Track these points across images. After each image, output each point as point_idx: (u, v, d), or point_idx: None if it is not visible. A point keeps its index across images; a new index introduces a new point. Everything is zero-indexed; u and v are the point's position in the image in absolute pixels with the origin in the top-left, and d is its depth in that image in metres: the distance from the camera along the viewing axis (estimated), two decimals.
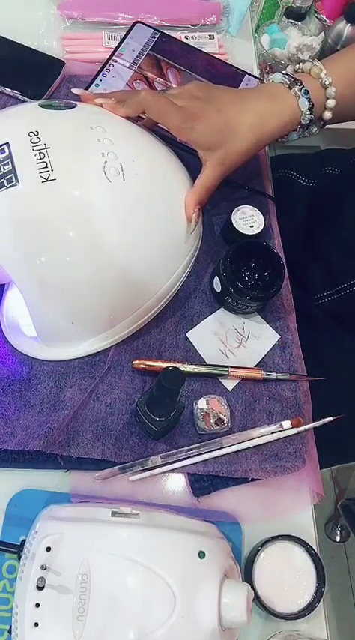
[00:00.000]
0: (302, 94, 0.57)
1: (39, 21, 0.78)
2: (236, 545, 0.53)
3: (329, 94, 0.58)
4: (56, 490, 0.53)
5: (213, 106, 0.55)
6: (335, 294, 0.72)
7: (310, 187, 0.83)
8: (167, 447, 0.55)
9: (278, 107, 0.57)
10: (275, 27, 0.91)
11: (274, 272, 0.59)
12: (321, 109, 0.59)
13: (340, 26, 0.92)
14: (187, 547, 0.44)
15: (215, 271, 0.61)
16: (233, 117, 0.56)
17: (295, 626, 0.51)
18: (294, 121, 0.58)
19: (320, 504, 0.56)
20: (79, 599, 0.42)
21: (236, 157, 0.57)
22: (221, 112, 0.55)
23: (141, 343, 0.59)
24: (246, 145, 0.56)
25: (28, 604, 0.42)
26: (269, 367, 0.60)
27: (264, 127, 0.57)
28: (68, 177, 0.47)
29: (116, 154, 0.50)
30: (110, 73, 0.70)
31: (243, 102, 0.57)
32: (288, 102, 0.57)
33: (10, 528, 0.51)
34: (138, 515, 0.46)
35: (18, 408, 0.54)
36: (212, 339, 0.61)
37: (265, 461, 0.55)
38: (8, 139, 0.47)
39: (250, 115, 0.56)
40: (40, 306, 0.51)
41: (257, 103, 0.57)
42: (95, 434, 0.54)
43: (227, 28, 0.83)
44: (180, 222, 0.55)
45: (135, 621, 0.41)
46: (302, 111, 0.58)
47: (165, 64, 0.72)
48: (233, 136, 0.55)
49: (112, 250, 0.49)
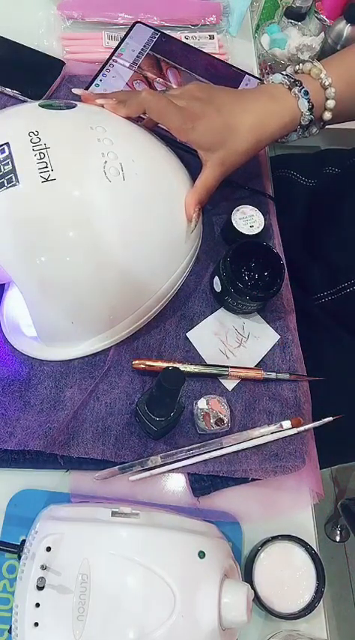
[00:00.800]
0: (302, 95, 0.57)
1: (39, 21, 0.77)
2: (236, 545, 0.53)
3: (329, 94, 0.58)
4: (56, 490, 0.53)
5: (213, 107, 0.55)
6: (335, 294, 0.72)
7: (310, 187, 0.83)
8: (167, 447, 0.55)
9: (278, 108, 0.57)
10: (275, 27, 0.91)
11: (274, 272, 0.59)
12: (321, 109, 0.59)
13: (340, 26, 0.92)
14: (187, 547, 0.44)
15: (215, 271, 0.61)
16: (233, 117, 0.56)
17: (295, 626, 0.51)
18: (294, 122, 0.58)
19: (320, 504, 0.56)
20: (79, 599, 0.42)
21: (236, 158, 0.57)
22: (221, 112, 0.55)
23: (141, 343, 0.59)
24: (246, 145, 0.56)
25: (28, 604, 0.42)
26: (269, 367, 0.60)
27: (264, 127, 0.57)
28: (68, 177, 0.47)
29: (116, 153, 0.50)
30: (110, 73, 0.70)
31: (243, 102, 0.57)
32: (288, 103, 0.57)
33: (10, 528, 0.51)
34: (138, 515, 0.46)
35: (18, 408, 0.54)
36: (212, 339, 0.61)
37: (265, 461, 0.55)
38: (8, 138, 0.47)
39: (250, 115, 0.56)
40: (40, 306, 0.51)
41: (257, 103, 0.57)
42: (95, 434, 0.54)
43: (227, 28, 0.83)
44: (180, 222, 0.55)
45: (135, 621, 0.41)
46: (302, 112, 0.58)
47: (165, 64, 0.72)
48: (233, 136, 0.55)
49: (112, 250, 0.49)
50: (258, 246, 0.60)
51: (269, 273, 0.60)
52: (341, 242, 0.72)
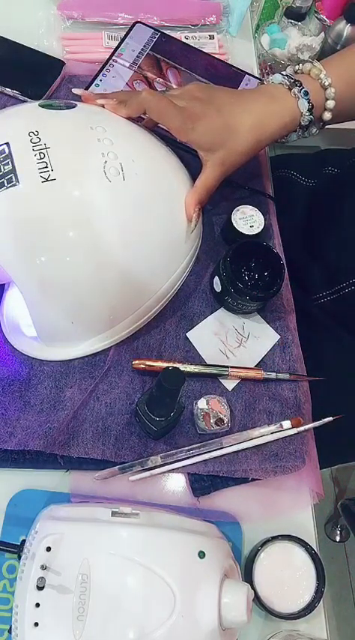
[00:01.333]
0: (301, 95, 0.57)
1: (39, 21, 0.77)
2: (236, 545, 0.53)
3: (329, 94, 0.58)
4: (56, 490, 0.53)
5: (213, 107, 0.55)
6: (335, 294, 0.72)
7: (310, 187, 0.83)
8: (167, 447, 0.55)
9: (278, 108, 0.58)
10: (275, 27, 0.91)
11: (274, 272, 0.59)
12: (321, 109, 0.59)
13: (340, 26, 0.92)
14: (187, 547, 0.44)
15: (215, 271, 0.61)
16: (233, 118, 0.56)
17: (295, 626, 0.51)
18: (294, 122, 0.59)
19: (320, 504, 0.56)
20: (79, 599, 0.42)
21: (236, 158, 0.57)
22: (221, 112, 0.55)
23: (141, 343, 0.59)
24: (246, 145, 0.56)
25: (28, 604, 0.42)
26: (269, 367, 0.60)
27: (264, 127, 0.57)
28: (68, 177, 0.47)
29: (116, 153, 0.50)
30: (110, 73, 0.70)
31: (243, 103, 0.57)
32: (288, 103, 0.58)
33: (10, 528, 0.51)
34: (138, 515, 0.46)
35: (18, 408, 0.54)
36: (212, 339, 0.61)
37: (265, 461, 0.55)
38: (8, 138, 0.47)
39: (250, 115, 0.56)
40: (40, 306, 0.51)
41: (257, 104, 0.57)
42: (95, 434, 0.54)
43: (227, 28, 0.83)
44: (180, 222, 0.55)
45: (135, 621, 0.41)
46: (302, 112, 0.58)
47: (165, 64, 0.72)
48: (233, 136, 0.56)
49: (112, 250, 0.49)
50: (258, 246, 0.60)
51: (269, 273, 0.60)
52: (340, 242, 0.72)
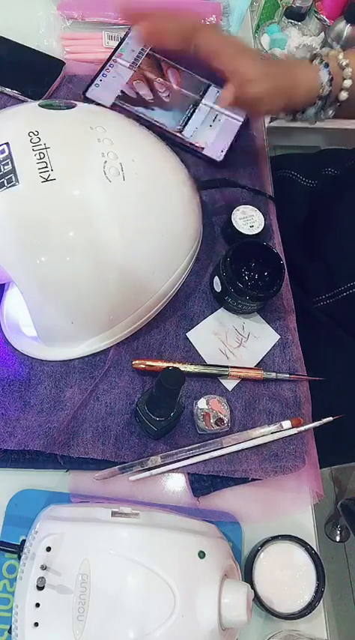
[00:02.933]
0: (323, 67, 0.59)
1: (39, 21, 0.77)
2: (236, 545, 0.53)
3: (346, 74, 0.60)
4: (56, 490, 0.53)
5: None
6: (333, 297, 0.72)
7: (310, 187, 0.83)
8: (167, 447, 0.55)
9: (305, 71, 0.60)
10: (275, 27, 0.91)
11: (274, 272, 0.59)
12: (338, 88, 0.61)
13: (340, 26, 0.92)
14: (187, 547, 0.44)
15: (215, 271, 0.61)
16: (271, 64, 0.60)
17: (295, 626, 0.51)
18: (316, 90, 0.60)
19: (320, 504, 0.56)
20: (79, 599, 0.42)
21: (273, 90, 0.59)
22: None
23: (141, 343, 0.59)
24: (284, 83, 0.59)
25: (28, 604, 0.42)
26: (269, 367, 0.60)
27: (297, 81, 0.60)
28: (68, 177, 0.47)
29: (116, 153, 0.50)
30: (110, 73, 0.70)
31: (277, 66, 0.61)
32: (312, 71, 0.60)
33: (10, 528, 0.51)
34: (138, 515, 0.46)
35: (18, 408, 0.54)
36: (212, 339, 0.61)
37: (265, 461, 0.55)
38: (8, 139, 0.47)
39: (288, 67, 0.61)
40: (39, 306, 0.51)
41: (286, 64, 0.62)
42: (95, 434, 0.54)
43: (227, 28, 0.83)
44: (180, 222, 0.55)
45: (135, 621, 0.41)
46: (323, 82, 0.59)
47: (165, 64, 0.72)
48: (279, 71, 0.60)
49: (112, 250, 0.49)
50: (258, 246, 0.60)
51: (269, 273, 0.60)
52: (339, 245, 0.72)
